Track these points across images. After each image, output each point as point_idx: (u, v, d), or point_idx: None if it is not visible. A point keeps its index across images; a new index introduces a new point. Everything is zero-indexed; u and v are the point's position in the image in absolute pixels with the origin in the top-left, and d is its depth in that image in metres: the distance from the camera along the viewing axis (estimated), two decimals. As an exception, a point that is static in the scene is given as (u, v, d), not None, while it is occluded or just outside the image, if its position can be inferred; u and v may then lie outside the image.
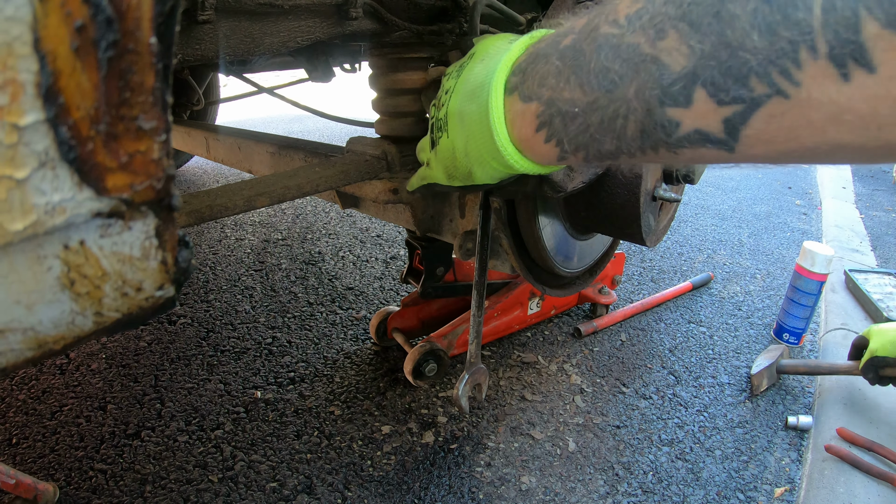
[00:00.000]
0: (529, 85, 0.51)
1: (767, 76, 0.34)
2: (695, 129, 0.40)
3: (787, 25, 0.32)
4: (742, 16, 0.34)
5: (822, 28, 0.31)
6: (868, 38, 0.30)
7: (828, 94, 0.33)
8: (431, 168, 0.72)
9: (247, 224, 2.79)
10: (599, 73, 0.44)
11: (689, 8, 0.37)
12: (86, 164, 0.30)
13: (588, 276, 1.27)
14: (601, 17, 0.45)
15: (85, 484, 1.24)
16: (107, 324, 0.38)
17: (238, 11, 0.78)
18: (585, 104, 0.46)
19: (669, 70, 0.39)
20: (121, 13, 0.28)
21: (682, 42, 0.38)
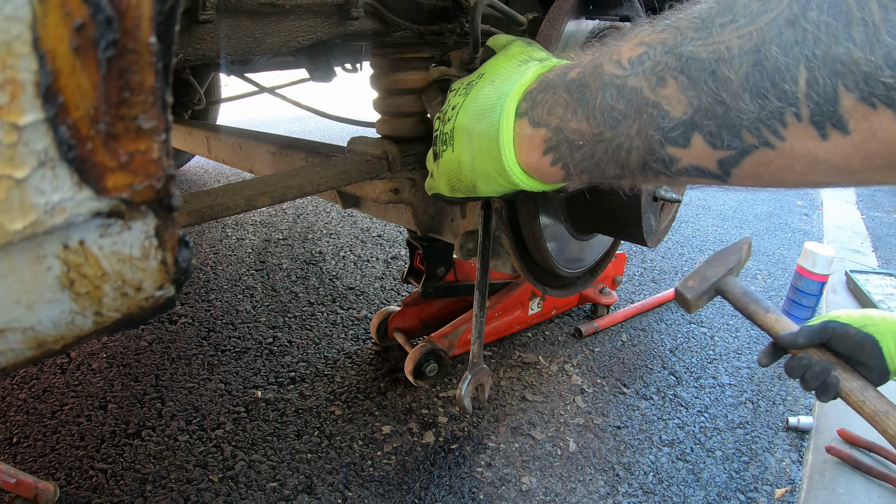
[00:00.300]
0: (539, 112, 0.54)
1: (757, 131, 0.39)
2: (692, 164, 0.44)
3: (775, 94, 0.37)
4: (735, 80, 0.39)
5: (805, 99, 0.36)
6: (845, 110, 0.35)
7: (808, 149, 0.38)
8: (434, 179, 0.74)
9: (248, 224, 2.79)
10: (605, 110, 0.48)
11: (686, 63, 0.42)
12: (85, 164, 0.30)
13: (589, 276, 1.27)
14: (605, 56, 0.49)
15: (85, 483, 1.24)
16: (107, 323, 0.38)
17: (239, 11, 0.78)
18: (591, 136, 0.50)
19: (670, 116, 0.43)
20: (120, 12, 0.28)
21: (681, 93, 0.42)
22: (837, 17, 0.34)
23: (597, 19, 0.93)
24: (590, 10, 0.92)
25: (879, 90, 0.33)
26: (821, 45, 0.35)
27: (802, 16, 0.36)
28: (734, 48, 0.39)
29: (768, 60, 0.37)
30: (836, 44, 0.34)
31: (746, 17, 0.39)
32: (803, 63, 0.36)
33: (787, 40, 0.36)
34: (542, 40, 0.85)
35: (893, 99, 0.33)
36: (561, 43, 0.87)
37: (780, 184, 0.43)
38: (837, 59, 0.34)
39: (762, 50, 0.38)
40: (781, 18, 0.37)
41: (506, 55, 0.67)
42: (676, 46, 0.43)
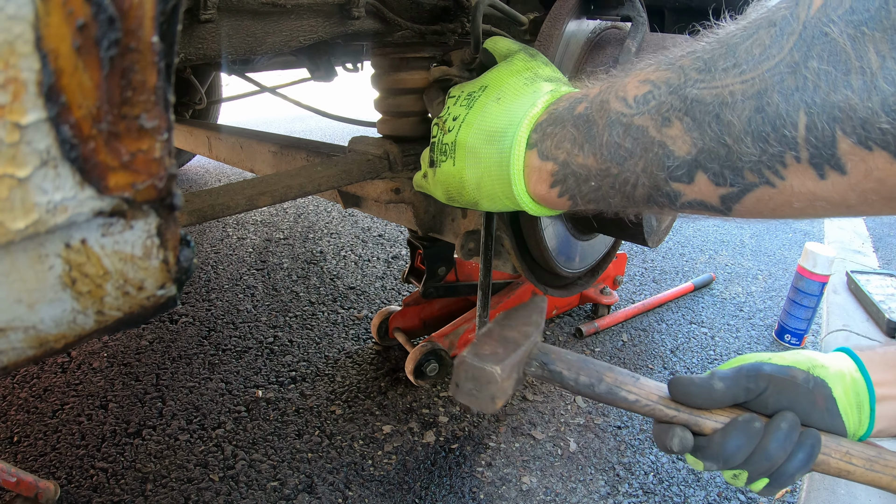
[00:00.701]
0: (548, 145, 0.56)
1: (759, 171, 0.41)
2: (696, 199, 0.46)
3: (776, 138, 0.39)
4: (737, 124, 0.40)
5: (804, 143, 0.38)
6: (843, 153, 0.36)
7: (807, 187, 0.40)
8: (429, 184, 0.74)
9: (248, 223, 2.79)
10: (611, 147, 0.50)
11: (691, 105, 0.43)
12: (87, 163, 0.30)
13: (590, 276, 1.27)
14: (611, 92, 0.50)
15: (86, 482, 1.24)
16: (108, 322, 0.38)
17: (240, 10, 0.78)
18: (598, 171, 0.52)
19: (675, 155, 0.45)
20: (123, 12, 0.28)
21: (686, 133, 0.44)
22: (837, 65, 0.36)
23: (598, 19, 0.93)
24: (591, 10, 0.92)
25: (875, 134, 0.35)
26: (820, 93, 0.36)
27: (803, 64, 0.37)
28: (737, 93, 0.41)
29: (770, 106, 0.39)
30: (835, 91, 0.36)
31: (749, 63, 0.41)
32: (803, 109, 0.37)
33: (789, 87, 0.38)
34: (543, 41, 0.85)
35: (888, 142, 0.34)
36: (562, 43, 0.87)
37: (778, 217, 0.45)
38: (836, 105, 0.36)
39: (764, 96, 0.39)
40: (783, 66, 0.38)
41: (509, 69, 0.67)
42: (681, 88, 0.44)
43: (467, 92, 0.69)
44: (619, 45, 0.90)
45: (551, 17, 0.86)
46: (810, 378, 0.62)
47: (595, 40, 0.92)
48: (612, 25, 0.95)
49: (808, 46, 0.37)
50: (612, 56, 0.89)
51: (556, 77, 0.67)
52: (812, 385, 0.62)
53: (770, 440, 0.59)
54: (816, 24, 0.37)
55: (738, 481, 0.62)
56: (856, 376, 0.65)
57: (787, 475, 0.59)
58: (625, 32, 0.93)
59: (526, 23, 0.97)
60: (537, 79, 0.65)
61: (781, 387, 0.61)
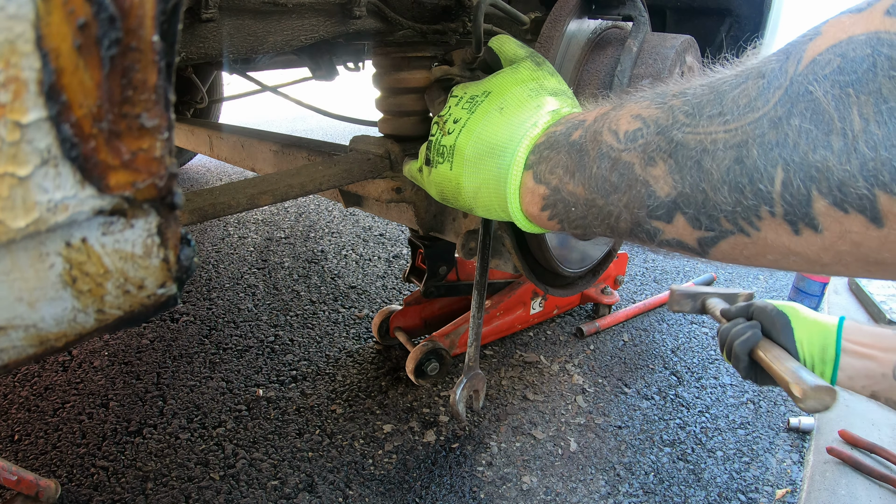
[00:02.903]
0: (542, 169, 0.57)
1: (734, 220, 0.41)
2: (674, 238, 0.47)
3: (752, 190, 0.39)
4: (716, 173, 0.41)
5: (780, 199, 0.38)
6: (818, 213, 0.36)
7: (781, 241, 0.40)
8: (423, 180, 0.75)
9: (249, 222, 2.80)
10: (599, 179, 0.51)
11: (675, 148, 0.44)
12: (88, 162, 0.30)
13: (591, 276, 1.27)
14: (605, 123, 0.52)
15: (87, 481, 1.24)
16: (109, 321, 0.38)
17: (242, 10, 0.78)
18: (585, 200, 0.53)
19: (656, 195, 0.46)
20: (123, 11, 0.28)
21: (668, 175, 0.45)
22: (819, 125, 0.35)
23: (599, 19, 0.93)
24: (592, 10, 0.92)
25: (852, 198, 0.34)
26: (799, 151, 0.36)
27: (786, 120, 0.37)
28: (719, 142, 0.41)
29: (748, 159, 0.39)
30: (814, 151, 0.35)
31: (733, 113, 0.41)
32: (781, 165, 0.37)
33: (769, 142, 0.38)
34: (543, 41, 0.85)
35: (865, 206, 0.34)
36: (563, 43, 0.87)
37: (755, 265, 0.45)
38: (813, 165, 0.36)
39: (744, 148, 0.39)
40: (765, 120, 0.38)
41: (514, 77, 0.67)
42: (668, 129, 0.45)
43: (470, 94, 0.69)
44: (620, 44, 0.90)
45: (552, 16, 0.86)
46: (775, 309, 0.93)
47: (596, 40, 0.92)
48: (614, 25, 0.95)
49: (792, 103, 0.37)
50: (613, 56, 0.89)
51: (560, 90, 0.67)
52: (774, 314, 0.92)
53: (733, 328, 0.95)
54: (802, 81, 0.37)
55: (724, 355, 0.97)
56: (829, 328, 0.91)
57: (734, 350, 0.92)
58: (626, 32, 0.93)
59: (527, 22, 0.97)
60: (542, 91, 0.65)
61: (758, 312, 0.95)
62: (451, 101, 0.71)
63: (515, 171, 0.59)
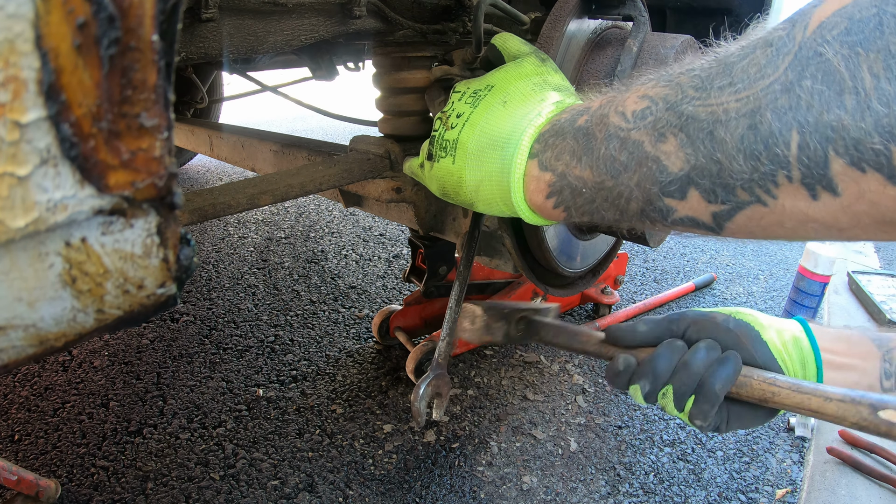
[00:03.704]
0: (548, 156, 0.57)
1: (750, 189, 0.41)
2: (688, 216, 0.46)
3: (768, 156, 0.39)
4: (730, 142, 0.40)
5: (796, 162, 0.37)
6: (835, 174, 0.36)
7: (799, 207, 0.39)
8: (424, 175, 0.74)
9: (250, 222, 2.80)
10: (608, 160, 0.50)
11: (686, 122, 0.43)
12: (87, 162, 0.30)
13: (591, 276, 1.27)
14: (611, 106, 0.51)
15: (87, 481, 1.24)
16: (108, 321, 0.38)
17: (242, 9, 0.78)
18: (594, 184, 0.52)
19: (668, 171, 0.45)
20: (123, 11, 0.28)
21: (680, 149, 0.44)
22: (831, 85, 0.35)
23: (599, 18, 0.93)
24: (592, 10, 0.92)
25: (869, 155, 0.34)
26: (813, 112, 0.36)
27: (797, 83, 0.37)
28: (731, 111, 0.41)
29: (762, 125, 0.39)
30: (828, 111, 0.35)
31: (744, 82, 0.41)
32: (795, 128, 0.37)
33: (782, 106, 0.38)
34: (543, 41, 0.85)
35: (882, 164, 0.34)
36: (563, 43, 0.87)
37: (770, 237, 0.45)
38: (828, 125, 0.35)
39: (757, 114, 0.39)
40: (777, 85, 0.38)
41: (518, 72, 0.67)
42: (677, 104, 0.45)
43: (473, 89, 0.69)
44: (620, 44, 0.90)
45: (552, 16, 0.86)
46: (730, 319, 0.66)
47: (596, 40, 0.92)
48: (614, 25, 0.95)
49: (802, 66, 0.37)
50: (613, 56, 0.89)
51: (564, 86, 0.66)
52: (732, 325, 0.65)
53: (690, 354, 0.64)
54: (811, 45, 0.37)
55: (666, 401, 0.66)
56: (799, 335, 0.69)
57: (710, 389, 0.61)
58: (626, 32, 0.93)
59: (527, 22, 0.97)
60: (546, 86, 0.65)
61: (701, 326, 0.66)
62: (453, 96, 0.71)
63: (519, 160, 0.59)
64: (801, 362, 0.68)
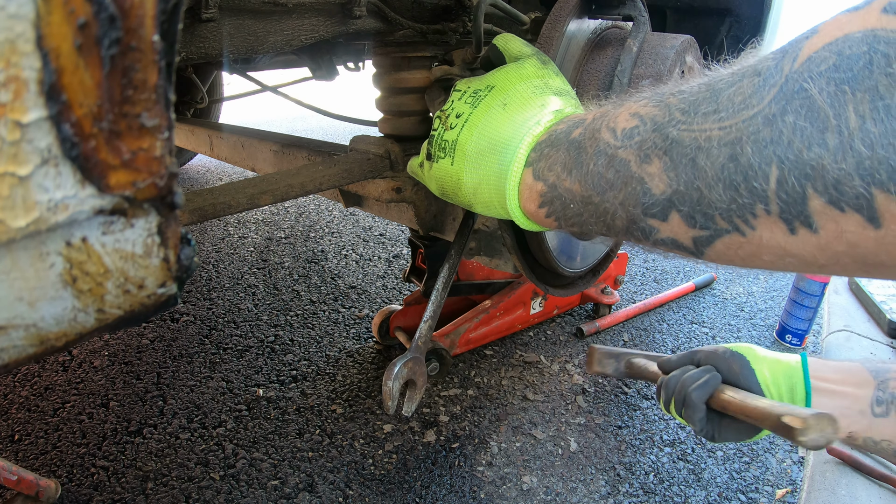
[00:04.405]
0: (542, 166, 0.57)
1: (729, 218, 0.41)
2: (669, 238, 0.47)
3: (746, 188, 0.38)
4: (710, 171, 0.41)
5: (775, 196, 0.37)
6: (813, 211, 0.36)
7: (776, 241, 0.39)
8: (424, 175, 0.74)
9: (250, 222, 2.80)
10: (595, 176, 0.51)
11: (671, 145, 0.44)
12: (88, 162, 0.30)
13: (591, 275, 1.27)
14: (604, 121, 0.51)
15: (87, 481, 1.24)
16: (109, 321, 0.38)
17: (242, 10, 0.78)
18: (581, 198, 0.53)
19: (651, 193, 0.45)
20: (124, 11, 0.28)
21: (664, 172, 0.44)
22: (813, 122, 0.35)
23: (599, 19, 0.93)
24: (592, 10, 0.92)
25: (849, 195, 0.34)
26: (793, 149, 0.36)
27: (780, 117, 0.37)
28: (713, 139, 0.40)
29: (743, 156, 0.38)
30: (809, 149, 0.35)
31: (728, 111, 0.40)
32: (775, 163, 0.37)
33: (763, 139, 0.37)
34: (543, 41, 0.85)
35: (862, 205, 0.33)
36: (563, 43, 0.87)
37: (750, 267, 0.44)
38: (808, 163, 0.35)
39: (738, 145, 0.39)
40: (760, 117, 0.38)
41: (519, 73, 0.67)
42: (664, 126, 0.45)
43: (473, 89, 0.69)
44: (620, 44, 0.90)
45: (552, 17, 0.86)
46: (727, 351, 0.83)
47: (596, 40, 0.92)
48: (614, 25, 0.95)
49: (786, 100, 0.37)
50: (613, 56, 0.89)
51: (565, 90, 0.66)
52: (728, 355, 0.82)
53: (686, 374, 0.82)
54: (797, 79, 0.36)
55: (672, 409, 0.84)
56: (794, 366, 0.82)
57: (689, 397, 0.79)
58: (626, 32, 0.93)
59: (527, 22, 0.97)
60: (547, 90, 0.65)
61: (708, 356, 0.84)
62: (453, 94, 0.71)
63: (516, 167, 0.59)
64: (789, 389, 0.81)
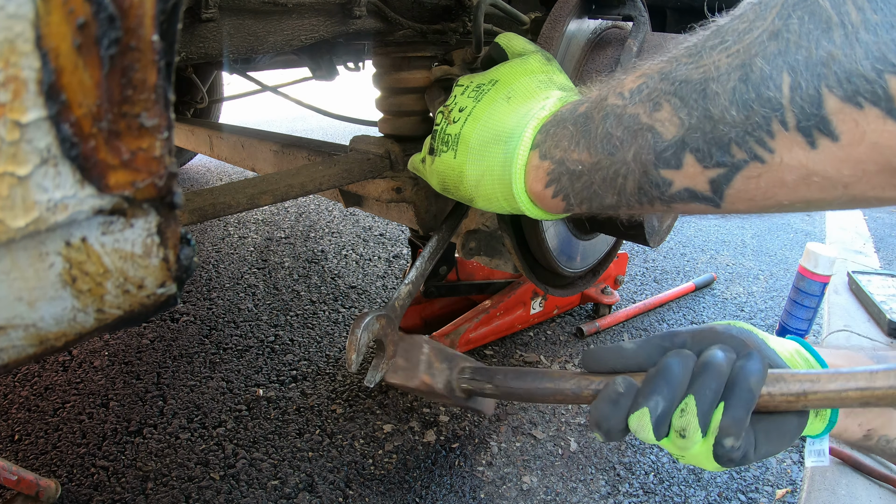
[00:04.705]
0: (548, 145, 0.57)
1: (746, 144, 0.40)
2: (685, 187, 0.46)
3: (760, 102, 0.38)
4: (722, 94, 0.40)
5: (790, 104, 0.37)
6: (830, 112, 0.35)
7: (798, 160, 0.38)
8: (426, 170, 0.74)
9: (250, 222, 2.80)
10: (604, 138, 0.50)
11: (679, 86, 0.43)
12: (88, 162, 0.30)
13: (591, 276, 1.27)
14: (611, 89, 0.51)
15: (87, 481, 1.24)
16: (108, 321, 0.38)
17: (242, 9, 0.78)
18: (590, 164, 0.52)
19: (662, 138, 0.45)
20: (123, 11, 0.28)
21: (674, 114, 0.44)
22: (818, 24, 0.35)
23: (599, 19, 0.93)
24: (592, 10, 0.92)
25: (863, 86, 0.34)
26: (802, 51, 0.36)
27: (784, 27, 0.37)
28: (722, 67, 0.41)
29: (753, 73, 0.39)
30: (817, 47, 0.35)
31: (734, 37, 0.41)
32: (786, 70, 0.37)
33: (771, 52, 0.38)
34: (543, 41, 0.85)
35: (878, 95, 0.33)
36: (563, 43, 0.87)
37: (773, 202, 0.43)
38: (819, 61, 0.35)
39: (747, 65, 0.39)
40: (765, 33, 0.38)
41: (524, 68, 0.67)
42: (671, 73, 0.45)
43: (476, 83, 0.68)
44: (620, 44, 0.90)
45: (552, 16, 0.86)
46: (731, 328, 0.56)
47: (596, 40, 0.92)
48: (614, 25, 0.95)
49: (789, 12, 0.37)
50: (613, 56, 0.89)
51: (569, 87, 0.66)
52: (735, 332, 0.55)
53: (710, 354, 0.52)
54: None
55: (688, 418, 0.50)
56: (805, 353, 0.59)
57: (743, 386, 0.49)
58: (626, 32, 0.93)
59: (527, 22, 0.97)
60: (551, 84, 0.65)
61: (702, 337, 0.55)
62: (456, 90, 0.70)
63: (522, 151, 0.59)
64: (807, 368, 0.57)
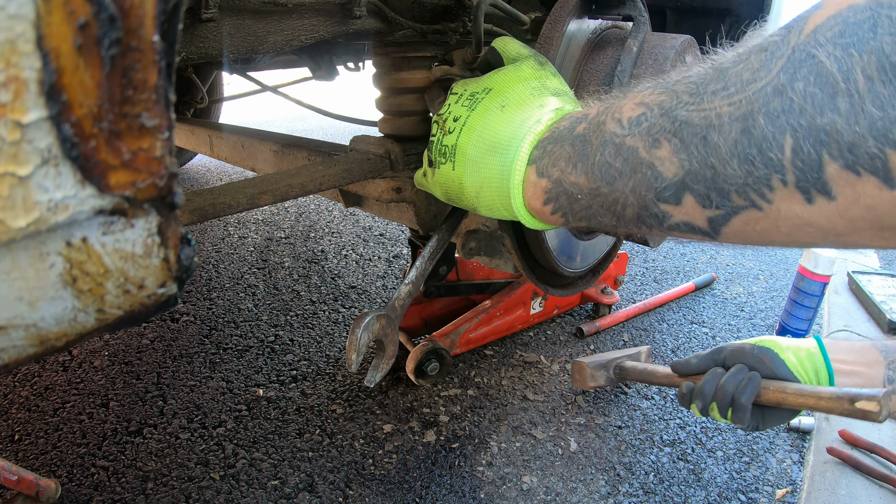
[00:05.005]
0: (545, 163, 0.57)
1: (745, 194, 0.40)
2: (684, 221, 0.46)
3: (762, 160, 0.38)
4: (724, 146, 0.40)
5: (790, 165, 0.37)
6: (830, 177, 0.35)
7: (794, 211, 0.39)
8: (429, 185, 0.74)
9: (250, 222, 2.80)
10: (602, 166, 0.50)
11: (680, 127, 0.43)
12: (88, 162, 0.30)
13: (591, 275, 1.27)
14: (608, 113, 0.51)
15: (87, 481, 1.24)
16: (109, 321, 0.38)
17: (242, 10, 0.78)
18: (589, 190, 0.52)
19: (663, 176, 0.45)
20: (124, 11, 0.28)
21: (674, 155, 0.44)
22: (823, 87, 0.35)
23: (599, 19, 0.93)
24: (592, 10, 0.92)
25: (863, 159, 0.34)
26: (806, 116, 0.36)
27: (789, 86, 0.37)
28: (724, 115, 0.40)
29: (755, 129, 0.38)
30: (821, 114, 0.35)
31: (737, 86, 0.40)
32: (789, 132, 0.37)
33: (774, 109, 0.37)
34: (543, 41, 0.85)
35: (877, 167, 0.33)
36: (563, 43, 0.87)
37: (767, 243, 0.44)
38: (822, 129, 0.35)
39: (749, 118, 0.39)
40: (769, 88, 0.38)
41: (517, 75, 0.67)
42: (672, 110, 0.44)
43: (470, 91, 0.68)
44: (620, 44, 0.90)
45: (552, 17, 0.86)
46: (755, 347, 0.91)
47: (596, 40, 0.92)
48: (614, 25, 0.95)
49: (794, 69, 0.37)
50: (613, 56, 0.89)
51: (563, 90, 0.66)
52: (756, 351, 0.91)
53: (725, 379, 0.91)
54: (805, 48, 0.37)
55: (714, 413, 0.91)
56: (813, 350, 0.92)
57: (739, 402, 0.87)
58: (626, 32, 0.93)
59: (527, 22, 0.97)
60: (545, 90, 0.65)
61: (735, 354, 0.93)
62: (450, 98, 0.70)
63: (519, 166, 0.59)
64: (814, 371, 0.90)
